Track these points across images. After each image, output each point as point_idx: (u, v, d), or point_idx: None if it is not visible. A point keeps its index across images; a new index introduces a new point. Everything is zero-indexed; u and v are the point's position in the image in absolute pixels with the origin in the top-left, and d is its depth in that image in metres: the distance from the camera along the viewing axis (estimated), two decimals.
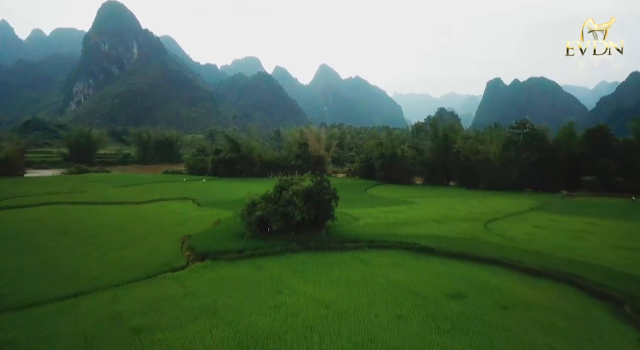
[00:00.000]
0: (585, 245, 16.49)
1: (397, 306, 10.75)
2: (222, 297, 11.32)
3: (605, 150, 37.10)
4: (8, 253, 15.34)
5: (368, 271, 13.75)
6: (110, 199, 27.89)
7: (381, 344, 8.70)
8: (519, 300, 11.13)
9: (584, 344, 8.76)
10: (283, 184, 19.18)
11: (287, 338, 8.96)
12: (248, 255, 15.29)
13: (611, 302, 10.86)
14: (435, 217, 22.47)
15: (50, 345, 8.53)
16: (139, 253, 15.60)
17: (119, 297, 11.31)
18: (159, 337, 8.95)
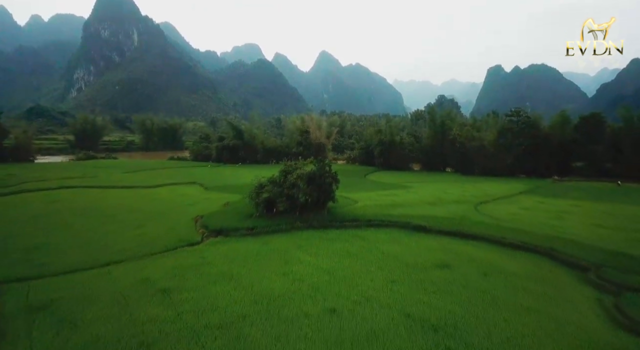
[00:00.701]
0: (564, 223, 17.93)
1: (390, 273, 12.19)
2: (237, 266, 12.77)
3: (597, 137, 38.30)
4: (39, 230, 16.78)
5: (365, 245, 15.19)
6: (122, 184, 29.28)
7: (376, 302, 10.14)
8: (498, 269, 12.58)
9: (549, 301, 10.22)
10: (288, 168, 20.55)
11: (296, 297, 10.41)
12: (257, 233, 16.75)
13: (579, 270, 12.30)
14: (429, 199, 23.88)
15: (93, 302, 9.98)
16: (157, 230, 17.05)
17: (145, 265, 12.78)
18: (185, 296, 10.40)
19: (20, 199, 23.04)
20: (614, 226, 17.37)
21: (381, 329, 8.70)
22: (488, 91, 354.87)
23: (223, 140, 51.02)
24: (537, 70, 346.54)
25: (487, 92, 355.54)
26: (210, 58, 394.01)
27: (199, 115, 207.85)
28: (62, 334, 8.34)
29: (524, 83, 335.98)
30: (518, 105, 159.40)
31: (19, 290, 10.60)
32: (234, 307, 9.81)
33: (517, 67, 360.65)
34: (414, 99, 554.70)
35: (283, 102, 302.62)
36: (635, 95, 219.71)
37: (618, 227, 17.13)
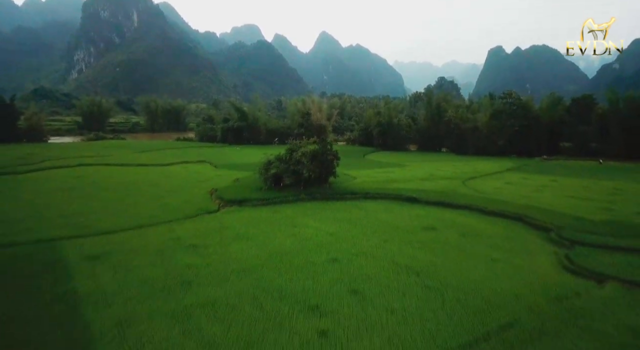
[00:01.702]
0: (541, 195, 19.91)
1: (383, 235, 14.20)
2: (251, 229, 14.80)
3: (586, 119, 39.92)
4: (72, 200, 18.75)
5: (363, 214, 17.20)
6: (136, 162, 31.16)
7: (370, 255, 12.17)
8: (475, 231, 14.61)
9: (513, 254, 12.26)
10: (293, 146, 22.41)
11: (303, 251, 12.44)
12: (266, 203, 18.75)
13: (544, 231, 14.33)
14: (422, 176, 25.83)
15: (137, 254, 12.01)
16: (178, 201, 19.05)
17: (173, 228, 14.81)
18: (211, 250, 12.44)
19: (46, 174, 24.96)
20: (584, 197, 19.36)
21: (373, 273, 10.74)
22: (488, 73, 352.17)
23: (228, 122, 52.63)
24: (538, 51, 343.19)
25: (487, 74, 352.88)
26: (210, 39, 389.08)
27: (200, 97, 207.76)
28: (119, 276, 10.38)
29: (525, 64, 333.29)
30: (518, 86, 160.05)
31: (73, 245, 12.62)
32: (252, 258, 11.84)
33: (518, 48, 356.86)
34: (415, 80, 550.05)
35: (283, 84, 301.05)
36: (635, 76, 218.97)
37: (587, 198, 19.12)
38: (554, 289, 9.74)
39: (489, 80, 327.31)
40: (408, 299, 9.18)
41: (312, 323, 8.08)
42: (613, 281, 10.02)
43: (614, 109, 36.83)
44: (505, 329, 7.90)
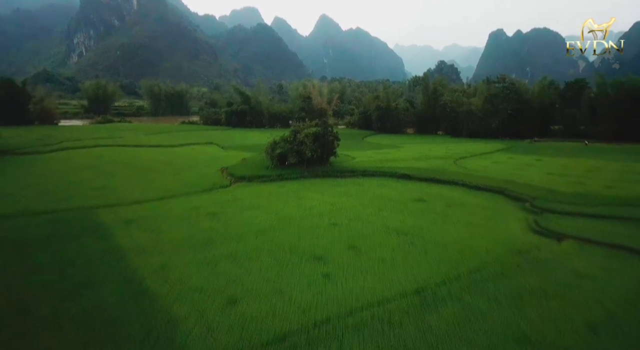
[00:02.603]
0: (524, 172, 21.62)
1: (378, 205, 15.96)
2: (261, 200, 16.57)
3: (576, 102, 41.29)
4: (97, 176, 20.48)
5: (360, 189, 18.94)
6: (148, 143, 32.78)
7: (365, 220, 13.94)
8: (459, 202, 16.37)
9: (489, 220, 14.04)
10: (297, 128, 23.99)
11: (308, 218, 14.21)
12: (273, 179, 20.49)
13: (520, 201, 16.09)
14: (416, 156, 27.49)
15: (164, 219, 13.79)
16: (192, 177, 20.80)
17: (192, 200, 16.58)
18: (228, 217, 14.22)
19: (67, 154, 26.64)
20: (562, 174, 21.07)
21: (368, 234, 12.53)
22: (489, 56, 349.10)
23: (232, 106, 53.94)
24: (539, 34, 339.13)
25: (488, 57, 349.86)
26: (209, 22, 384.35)
27: (200, 81, 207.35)
28: (152, 236, 12.18)
29: (525, 48, 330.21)
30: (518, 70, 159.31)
31: (107, 212, 14.41)
32: (264, 223, 13.63)
33: (519, 31, 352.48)
34: (415, 63, 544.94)
35: (283, 68, 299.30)
36: (635, 60, 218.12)
37: (564, 175, 20.84)
38: (519, 245, 11.54)
39: (489, 63, 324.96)
40: (396, 252, 10.99)
41: (317, 268, 9.89)
42: (570, 239, 11.82)
43: (602, 93, 38.17)
44: (472, 273, 9.72)
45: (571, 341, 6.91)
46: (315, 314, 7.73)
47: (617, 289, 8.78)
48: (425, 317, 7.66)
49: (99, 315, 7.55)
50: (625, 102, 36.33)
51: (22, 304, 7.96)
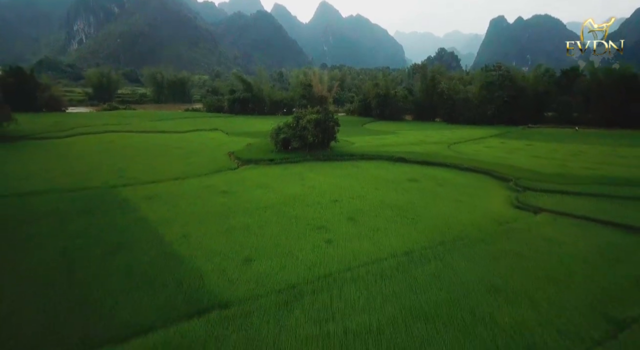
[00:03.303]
0: (512, 156, 22.88)
1: (375, 185, 17.26)
2: (267, 180, 17.87)
3: (570, 89, 42.27)
4: (113, 160, 21.72)
5: (359, 171, 20.22)
6: (155, 130, 33.92)
7: (363, 197, 15.24)
8: (450, 182, 17.68)
9: (475, 197, 15.36)
10: (299, 115, 25.16)
11: (311, 196, 15.50)
12: (278, 162, 21.77)
13: (505, 181, 17.40)
14: (412, 141, 28.70)
15: (181, 196, 15.09)
16: (202, 161, 22.06)
17: (204, 180, 17.88)
18: (238, 194, 15.53)
19: (82, 139, 27.84)
20: (548, 157, 22.33)
21: (365, 208, 13.85)
22: (490, 43, 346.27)
23: (234, 93, 54.83)
24: (540, 21, 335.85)
25: (488, 45, 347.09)
26: (209, 9, 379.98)
27: (201, 68, 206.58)
28: (172, 210, 13.49)
29: (526, 35, 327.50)
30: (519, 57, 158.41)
31: (129, 190, 15.72)
32: (271, 200, 14.94)
33: (520, 18, 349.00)
34: (416, 51, 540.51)
35: (283, 55, 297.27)
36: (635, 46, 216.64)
37: (550, 158, 22.10)
38: (499, 217, 12.89)
39: (490, 51, 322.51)
40: (390, 223, 12.33)
41: (320, 235, 11.24)
42: (545, 212, 13.16)
43: (594, 80, 39.12)
44: (455, 240, 11.06)
45: (533, 290, 8.26)
46: (319, 269, 9.10)
47: (577, 251, 10.14)
48: (411, 272, 9.03)
49: (137, 269, 8.92)
50: (616, 89, 37.32)
51: (71, 260, 9.34)
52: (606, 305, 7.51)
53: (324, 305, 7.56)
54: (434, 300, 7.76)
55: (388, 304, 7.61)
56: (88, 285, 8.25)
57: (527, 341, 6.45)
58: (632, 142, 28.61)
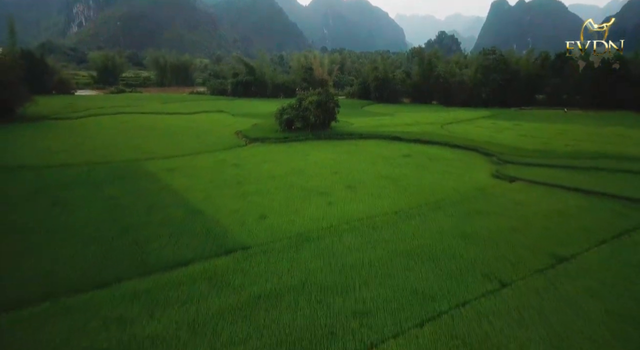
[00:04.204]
0: (500, 135, 24.45)
1: (371, 160, 18.88)
2: (274, 156, 19.51)
3: (561, 72, 43.40)
4: (129, 138, 23.25)
5: (357, 148, 21.82)
6: (165, 111, 35.29)
7: (361, 170, 16.88)
8: (441, 157, 19.31)
9: (461, 169, 17.02)
10: (301, 96, 26.58)
11: (313, 169, 17.13)
12: (282, 140, 23.35)
13: (489, 156, 19.03)
14: (408, 122, 30.20)
15: (198, 169, 16.75)
16: (212, 139, 23.62)
17: (217, 155, 19.49)
18: (248, 167, 17.18)
19: (96, 120, 29.30)
20: (532, 136, 23.91)
21: (364, 179, 15.50)
22: (491, 26, 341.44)
23: (237, 77, 55.86)
24: (542, 3, 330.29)
25: (489, 28, 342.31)
26: None
27: (201, 52, 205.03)
28: (191, 180, 15.18)
29: (527, 17, 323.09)
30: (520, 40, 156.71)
31: (150, 164, 17.36)
32: (278, 171, 16.59)
33: (521, 0, 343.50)
34: (416, 34, 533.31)
35: (283, 39, 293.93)
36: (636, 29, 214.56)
37: (534, 136, 23.68)
38: (479, 185, 14.57)
39: (491, 34, 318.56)
40: (383, 190, 14.03)
41: (322, 199, 12.94)
42: (520, 181, 14.85)
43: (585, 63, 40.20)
44: (438, 202, 12.76)
45: (496, 236, 9.99)
46: (322, 223, 10.84)
47: (540, 210, 11.88)
48: (398, 225, 10.77)
49: (172, 222, 10.66)
50: (604, 72, 38.46)
51: (115, 215, 11.07)
52: (553, 247, 9.27)
53: (326, 247, 9.32)
54: (415, 244, 9.52)
55: (378, 247, 9.37)
56: (134, 232, 9.99)
57: (484, 269, 8.22)
58: (614, 121, 30.13)
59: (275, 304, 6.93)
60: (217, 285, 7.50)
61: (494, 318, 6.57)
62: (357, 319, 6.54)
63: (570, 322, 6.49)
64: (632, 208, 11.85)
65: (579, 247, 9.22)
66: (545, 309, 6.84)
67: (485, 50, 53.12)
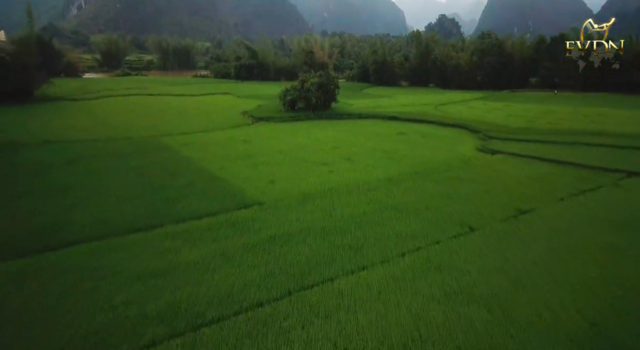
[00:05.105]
0: (489, 115, 25.81)
1: (369, 137, 20.33)
2: (279, 134, 20.95)
3: (555, 55, 44.29)
4: (143, 117, 24.67)
5: (356, 127, 23.24)
6: (172, 93, 36.54)
7: (358, 145, 18.35)
8: (433, 134, 20.75)
9: (451, 144, 18.48)
10: (304, 79, 27.82)
11: (315, 145, 18.59)
12: (286, 120, 24.76)
13: (477, 133, 20.50)
14: (405, 103, 31.50)
15: (209, 144, 18.20)
16: (220, 118, 25.02)
17: (226, 132, 20.95)
18: (256, 143, 18.66)
19: (109, 101, 30.61)
20: (519, 115, 25.30)
21: (360, 153, 17.01)
22: (492, 9, 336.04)
23: (240, 60, 56.70)
24: None
25: (491, 11, 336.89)
26: None
27: (202, 36, 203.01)
28: (206, 152, 16.67)
29: (529, 1, 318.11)
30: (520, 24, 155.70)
31: (167, 139, 18.86)
32: (283, 147, 18.06)
33: None
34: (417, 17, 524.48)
35: (283, 22, 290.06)
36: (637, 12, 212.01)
37: (521, 116, 25.07)
38: (464, 157, 16.08)
39: (492, 17, 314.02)
40: (378, 162, 15.54)
41: (323, 169, 14.47)
42: (502, 154, 16.36)
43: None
44: (426, 171, 14.30)
45: (473, 197, 11.55)
46: (324, 186, 12.41)
47: (515, 176, 13.44)
48: (390, 188, 12.33)
49: (194, 185, 12.23)
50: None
51: (144, 180, 12.65)
52: (518, 203, 10.86)
53: (327, 204, 10.91)
54: (402, 201, 11.11)
55: (370, 203, 10.96)
56: (163, 192, 11.57)
57: (458, 219, 9.81)
58: (600, 103, 31.40)
59: (287, 241, 8.57)
60: (239, 229, 9.13)
61: (460, 251, 8.20)
62: (352, 251, 8.18)
63: (521, 253, 8.13)
64: (595, 174, 13.41)
65: (540, 203, 10.82)
66: (503, 245, 8.48)
67: (483, 34, 53.79)
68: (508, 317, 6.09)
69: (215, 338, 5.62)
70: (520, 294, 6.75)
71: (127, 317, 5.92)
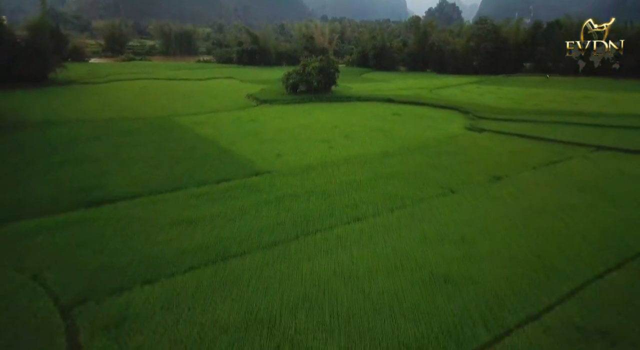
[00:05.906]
0: (481, 97, 26.95)
1: (366, 117, 21.53)
2: (282, 114, 22.17)
3: (547, 40, 45.01)
4: (153, 99, 25.77)
5: (354, 109, 24.41)
6: (178, 77, 37.45)
7: (357, 125, 19.57)
8: (426, 115, 21.98)
9: (443, 124, 19.79)
10: (305, 63, 28.83)
11: (317, 124, 19.80)
12: (288, 102, 25.91)
13: (467, 114, 21.74)
14: (402, 87, 32.55)
15: (219, 123, 19.46)
16: (226, 101, 26.17)
17: (233, 113, 22.14)
18: (261, 122, 19.90)
19: (119, 85, 31.62)
20: (508, 98, 26.45)
21: (357, 131, 18.26)
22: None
23: (242, 45, 57.20)
24: None
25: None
26: None
27: (202, 21, 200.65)
28: (217, 131, 17.91)
29: None
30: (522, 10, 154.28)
31: (180, 118, 20.09)
32: (287, 126, 19.32)
33: None
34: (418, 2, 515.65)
35: (282, 7, 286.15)
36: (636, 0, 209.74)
37: (510, 98, 26.22)
38: (453, 135, 17.37)
39: (493, 3, 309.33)
40: (374, 139, 16.83)
41: (324, 145, 15.77)
42: (488, 132, 17.65)
43: (567, 33, 41.81)
44: (417, 146, 15.61)
45: (455, 166, 12.90)
46: (325, 159, 13.75)
47: (496, 151, 14.78)
48: (384, 160, 13.69)
49: (210, 157, 13.57)
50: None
51: (164, 153, 14.00)
52: (495, 171, 12.25)
53: (328, 173, 12.28)
54: (394, 170, 12.49)
55: (366, 172, 12.33)
56: (182, 163, 12.92)
57: (441, 183, 11.21)
58: (589, 86, 32.44)
59: (294, 199, 9.98)
60: (253, 191, 10.54)
61: (441, 208, 9.62)
62: (349, 207, 9.60)
63: (491, 209, 9.56)
64: (568, 148, 14.76)
65: (513, 171, 12.21)
66: (478, 203, 9.90)
67: (481, 19, 54.21)
68: (472, 251, 7.55)
69: (239, 266, 7.08)
70: (485, 238, 8.20)
71: (170, 250, 7.38)
